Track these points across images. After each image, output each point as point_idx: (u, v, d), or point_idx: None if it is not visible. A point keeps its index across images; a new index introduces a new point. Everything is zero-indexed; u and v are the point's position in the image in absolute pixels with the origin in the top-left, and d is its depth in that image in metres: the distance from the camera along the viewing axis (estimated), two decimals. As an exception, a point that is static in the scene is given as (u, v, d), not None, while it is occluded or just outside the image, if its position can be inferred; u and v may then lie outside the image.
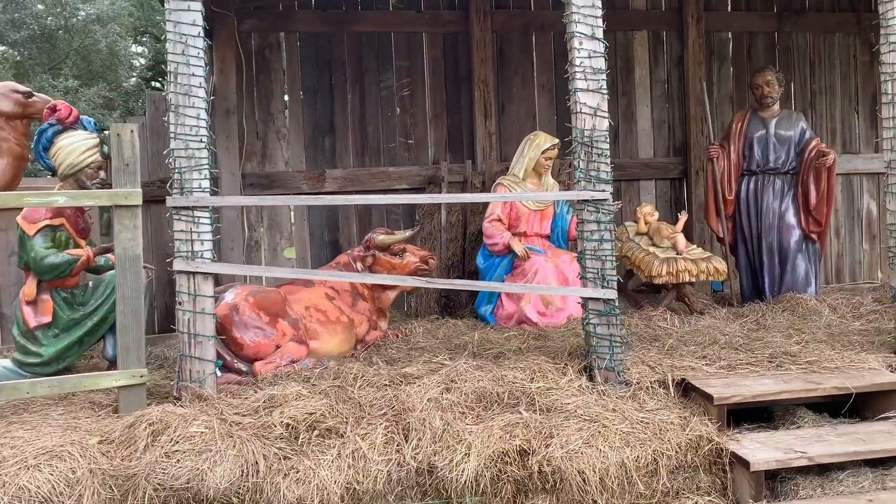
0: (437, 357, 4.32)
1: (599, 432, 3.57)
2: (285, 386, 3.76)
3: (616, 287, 4.04)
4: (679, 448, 3.59)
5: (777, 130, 5.78)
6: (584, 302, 4.07)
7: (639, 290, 6.07)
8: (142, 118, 6.26)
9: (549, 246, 5.63)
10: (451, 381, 3.88)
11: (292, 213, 6.33)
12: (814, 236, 5.72)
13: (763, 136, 5.80)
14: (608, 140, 4.05)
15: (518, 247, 5.35)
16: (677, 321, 5.12)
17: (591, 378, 4.02)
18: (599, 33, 4.03)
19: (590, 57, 4.02)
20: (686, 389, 4.00)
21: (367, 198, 4.78)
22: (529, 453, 3.47)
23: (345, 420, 3.57)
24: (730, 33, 7.05)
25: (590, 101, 4.02)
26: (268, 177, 6.21)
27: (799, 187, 5.71)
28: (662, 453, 3.56)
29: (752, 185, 5.83)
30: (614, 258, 4.05)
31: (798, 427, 3.86)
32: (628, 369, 4.08)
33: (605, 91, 4.04)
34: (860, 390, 3.88)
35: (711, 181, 5.89)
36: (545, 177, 5.67)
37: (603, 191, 4.01)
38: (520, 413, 3.70)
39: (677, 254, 5.34)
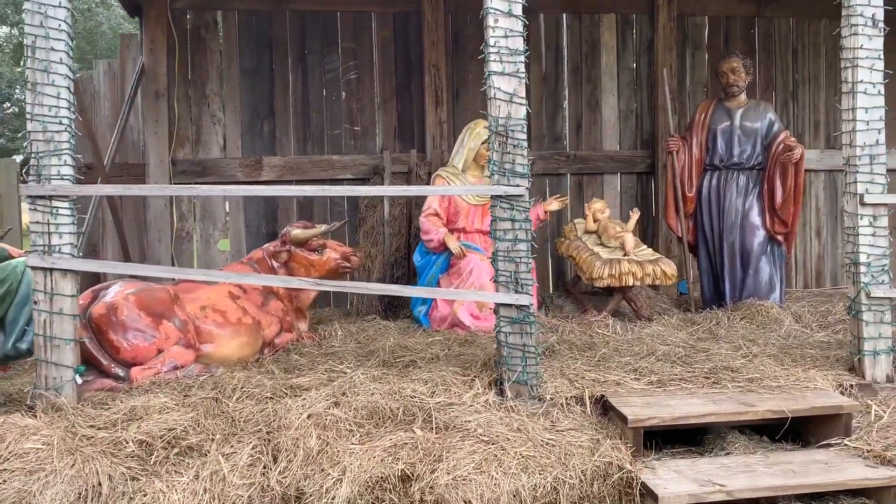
0: (342, 364, 3.95)
1: (496, 456, 3.18)
2: (153, 396, 3.41)
3: (530, 292, 3.65)
4: (584, 476, 3.19)
5: (742, 122, 5.31)
6: (496, 308, 3.68)
7: (593, 292, 5.65)
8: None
9: (491, 243, 5.21)
10: (343, 394, 3.51)
11: (227, 202, 5.97)
12: (780, 238, 5.26)
13: (727, 128, 5.34)
14: (525, 130, 3.64)
15: (453, 244, 4.95)
16: (620, 328, 4.71)
17: (501, 392, 3.63)
18: (517, 10, 3.61)
19: (506, 36, 3.61)
20: (606, 408, 3.60)
21: (273, 188, 4.38)
22: (413, 479, 3.09)
23: (210, 437, 3.21)
24: (706, 17, 6.58)
25: (505, 86, 3.61)
26: (201, 164, 5.85)
27: (765, 184, 5.25)
28: (564, 481, 3.16)
29: (714, 181, 5.38)
30: (530, 260, 3.65)
31: (727, 454, 3.45)
32: (544, 383, 3.69)
33: (524, 75, 3.63)
34: (797, 414, 3.45)
35: (671, 176, 5.45)
36: (487, 169, 5.24)
37: (518, 186, 3.61)
38: (412, 432, 3.32)
39: (624, 254, 4.91)
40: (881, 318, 3.93)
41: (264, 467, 3.11)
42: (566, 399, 3.61)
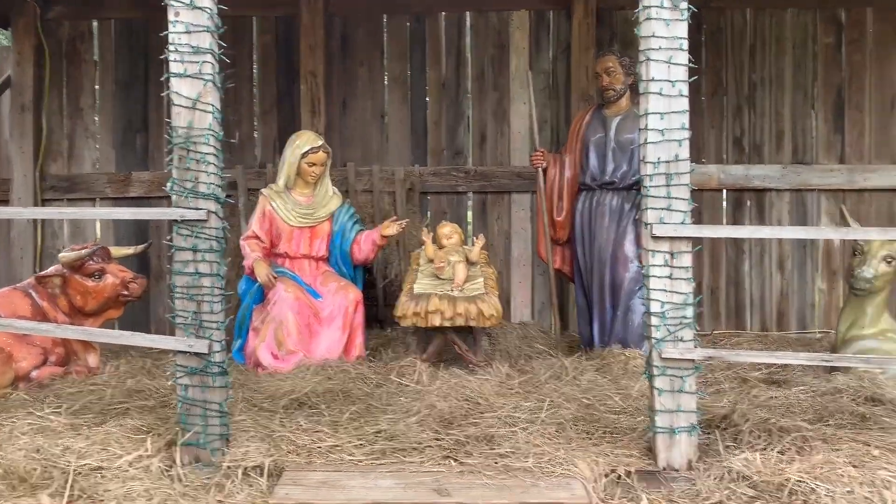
0: (49, 409, 3.50)
1: (103, 539, 2.63)
2: None
3: (216, 337, 3.05)
4: (194, 574, 2.57)
5: (619, 133, 4.42)
6: (174, 355, 3.11)
7: (457, 329, 4.88)
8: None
9: (323, 271, 4.62)
10: (-10, 448, 3.05)
11: (97, 220, 5.71)
12: (660, 273, 4.31)
13: (601, 140, 4.46)
14: (213, 142, 3.06)
15: (260, 271, 4.39)
16: (427, 377, 3.97)
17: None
18: (203, 1, 3.05)
19: (188, 32, 3.05)
20: (289, 483, 2.93)
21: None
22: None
23: None
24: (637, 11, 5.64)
25: (186, 91, 3.05)
26: (70, 179, 5.62)
27: (642, 207, 4.32)
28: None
29: (587, 204, 4.51)
30: (217, 298, 3.05)
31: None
32: (236, 448, 3.08)
33: (210, 77, 3.05)
34: (497, 513, 2.66)
35: (539, 197, 4.62)
36: (320, 187, 4.66)
37: (198, 209, 3.02)
38: (39, 500, 2.82)
39: (452, 288, 4.18)
40: (681, 385, 3.02)
41: None
42: (245, 469, 2.99)
